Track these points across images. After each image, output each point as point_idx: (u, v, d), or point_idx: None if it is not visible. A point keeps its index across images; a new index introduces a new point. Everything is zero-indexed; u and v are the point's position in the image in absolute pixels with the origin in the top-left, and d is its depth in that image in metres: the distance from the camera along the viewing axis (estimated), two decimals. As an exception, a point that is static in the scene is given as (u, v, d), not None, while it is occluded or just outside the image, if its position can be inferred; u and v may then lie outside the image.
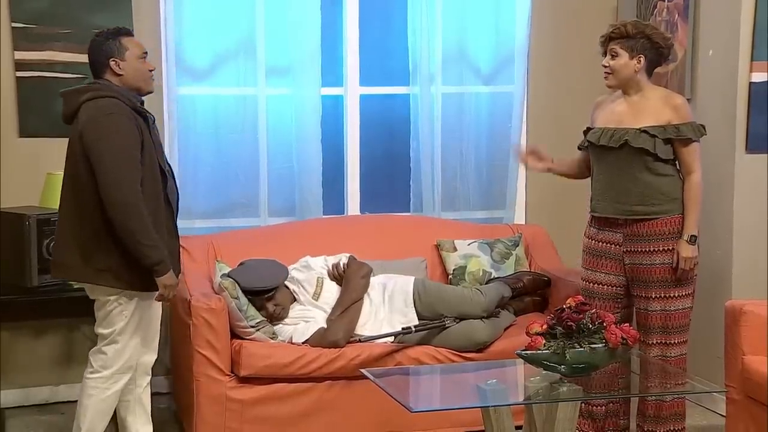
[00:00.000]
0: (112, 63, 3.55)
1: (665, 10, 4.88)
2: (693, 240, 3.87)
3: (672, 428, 4.00)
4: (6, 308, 4.28)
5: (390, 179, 5.33)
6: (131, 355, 3.66)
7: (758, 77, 4.44)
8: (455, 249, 4.86)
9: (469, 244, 4.88)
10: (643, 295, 3.96)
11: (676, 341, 3.95)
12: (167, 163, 3.69)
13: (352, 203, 5.20)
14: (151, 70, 3.65)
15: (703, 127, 3.95)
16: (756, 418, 3.78)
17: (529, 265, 4.91)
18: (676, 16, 4.80)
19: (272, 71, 4.93)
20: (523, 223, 5.30)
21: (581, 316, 3.24)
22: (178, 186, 3.75)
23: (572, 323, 3.22)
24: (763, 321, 3.84)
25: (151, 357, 3.77)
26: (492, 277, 4.78)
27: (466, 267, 4.80)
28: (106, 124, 3.46)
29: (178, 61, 4.80)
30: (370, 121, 5.20)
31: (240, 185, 4.96)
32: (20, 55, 4.60)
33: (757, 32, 4.42)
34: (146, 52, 3.64)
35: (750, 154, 4.52)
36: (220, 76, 4.90)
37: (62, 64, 4.61)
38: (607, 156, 3.96)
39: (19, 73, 4.61)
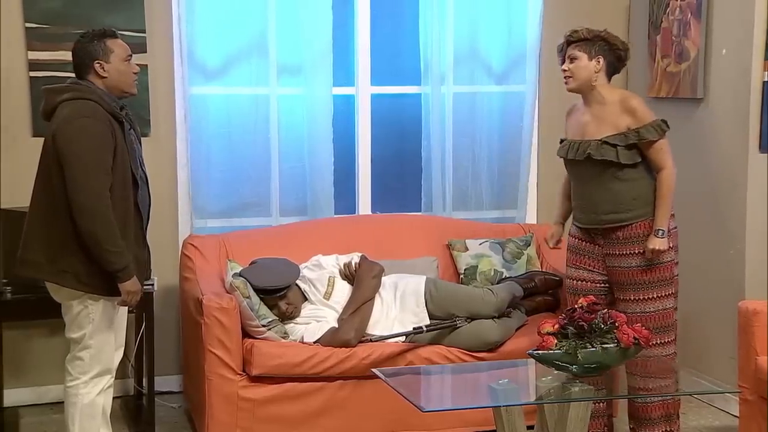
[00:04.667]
0: (96, 65, 3.50)
1: (678, 8, 4.86)
2: (660, 234, 3.85)
3: (664, 430, 3.98)
4: (19, 307, 4.29)
5: (401, 179, 5.32)
6: (109, 357, 3.60)
7: (771, 76, 4.43)
8: (466, 249, 4.86)
9: (480, 244, 4.87)
10: (621, 297, 3.97)
11: (658, 342, 3.92)
12: (142, 170, 3.60)
13: (364, 203, 5.20)
14: (135, 72, 3.59)
15: (665, 122, 3.89)
16: (769, 418, 3.77)
17: (541, 265, 4.90)
18: (689, 15, 4.78)
19: (284, 71, 4.93)
20: (535, 222, 5.29)
21: (593, 315, 3.24)
22: (151, 195, 3.67)
23: (584, 323, 3.22)
24: (776, 321, 3.83)
25: (118, 356, 3.70)
26: (503, 276, 4.77)
27: (477, 267, 4.79)
28: (78, 127, 3.40)
29: (190, 60, 4.81)
30: (382, 121, 5.19)
31: (252, 185, 4.97)
32: (34, 55, 4.62)
33: (771, 31, 4.41)
34: (131, 55, 3.58)
35: (763, 153, 4.49)
36: (232, 75, 4.91)
37: (75, 64, 4.62)
38: (576, 168, 4.00)
39: (33, 73, 4.62)
